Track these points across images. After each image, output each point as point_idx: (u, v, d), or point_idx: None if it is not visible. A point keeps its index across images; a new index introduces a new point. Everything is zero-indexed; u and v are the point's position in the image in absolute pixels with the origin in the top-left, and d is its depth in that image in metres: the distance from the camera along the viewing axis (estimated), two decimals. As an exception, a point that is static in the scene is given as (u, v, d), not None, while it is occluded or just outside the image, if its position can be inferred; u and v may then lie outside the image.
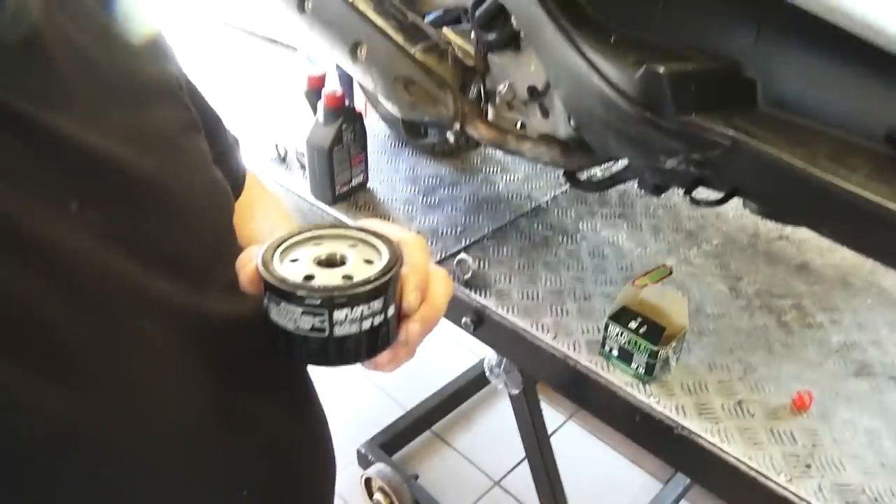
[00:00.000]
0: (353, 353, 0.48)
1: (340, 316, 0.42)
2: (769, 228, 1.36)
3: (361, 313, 0.43)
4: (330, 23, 1.21)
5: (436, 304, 0.51)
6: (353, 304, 0.42)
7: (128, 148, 0.50)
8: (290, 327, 0.43)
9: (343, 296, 0.42)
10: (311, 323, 0.42)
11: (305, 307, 0.42)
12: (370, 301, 0.43)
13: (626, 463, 2.05)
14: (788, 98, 0.81)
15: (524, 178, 1.52)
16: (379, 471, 1.80)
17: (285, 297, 0.42)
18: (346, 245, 0.48)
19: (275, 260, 0.45)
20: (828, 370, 1.02)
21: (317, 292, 0.42)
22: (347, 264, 0.46)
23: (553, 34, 0.91)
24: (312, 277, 0.44)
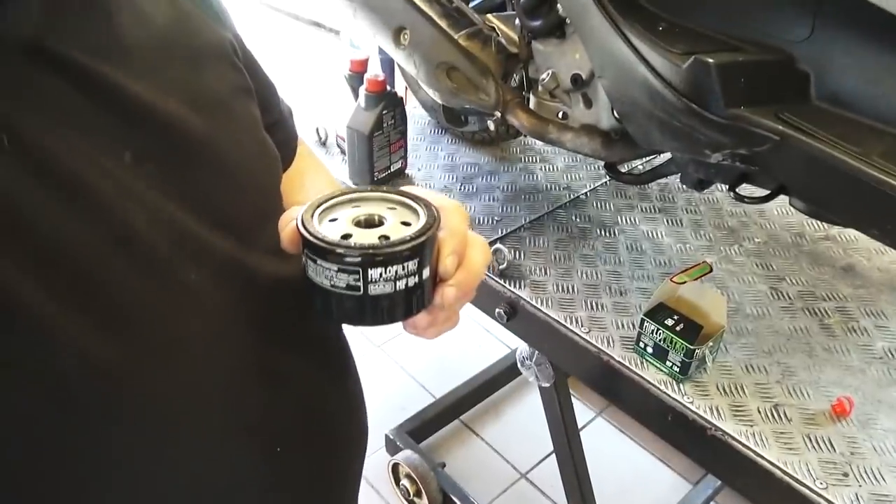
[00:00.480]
0: (387, 314, 0.48)
1: (375, 274, 0.43)
2: (815, 228, 1.32)
3: (396, 273, 0.44)
4: (374, 7, 1.21)
5: (473, 270, 0.51)
6: (387, 264, 0.43)
7: (181, 105, 0.52)
8: (325, 285, 0.44)
9: (378, 254, 0.43)
10: (346, 281, 0.43)
11: (341, 265, 0.43)
12: (405, 261, 0.44)
13: (656, 462, 2.03)
14: (843, 94, 0.79)
15: (563, 169, 1.50)
16: (406, 457, 1.81)
17: (322, 254, 0.43)
18: (385, 207, 0.49)
19: (314, 219, 0.46)
20: (870, 377, 0.99)
21: (352, 250, 0.43)
22: (385, 225, 0.47)
23: (599, 21, 0.90)
24: (350, 236, 0.45)
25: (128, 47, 0.51)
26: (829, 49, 0.78)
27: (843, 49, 0.77)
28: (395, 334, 2.48)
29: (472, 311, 1.84)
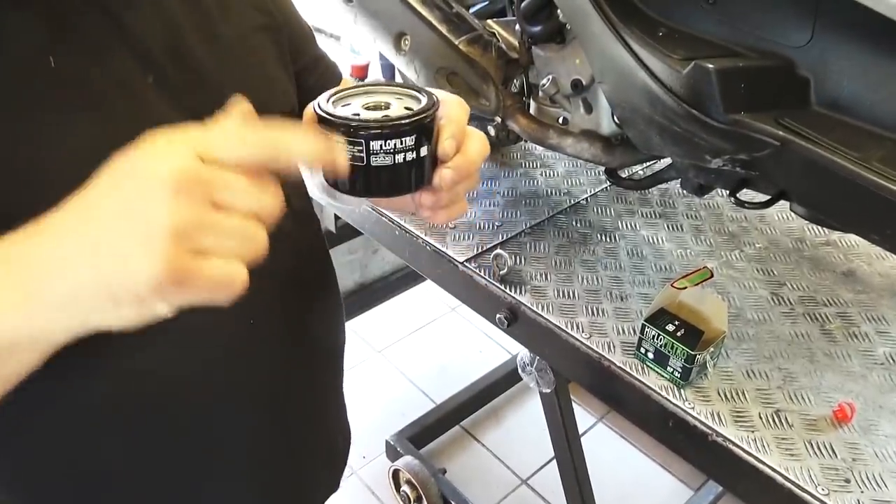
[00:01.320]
0: (388, 185, 0.54)
1: (376, 146, 0.48)
2: (815, 233, 1.32)
3: (395, 146, 0.49)
4: (375, 12, 1.21)
5: (470, 156, 0.56)
6: (387, 137, 0.48)
7: (199, 42, 0.60)
8: None
9: (379, 127, 0.48)
10: (352, 152, 0.48)
11: (348, 136, 0.48)
12: (403, 136, 0.49)
13: (657, 468, 2.02)
14: (843, 99, 0.79)
15: (564, 174, 1.50)
16: (407, 463, 1.81)
17: (332, 127, 0.48)
18: (393, 97, 0.55)
19: (329, 103, 0.51)
20: (872, 382, 0.99)
21: (356, 122, 0.48)
22: (390, 109, 0.53)
23: (600, 27, 0.90)
24: (358, 115, 0.51)
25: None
26: (828, 54, 0.78)
27: (843, 54, 0.77)
28: (395, 340, 2.48)
29: (473, 316, 1.83)
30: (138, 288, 0.38)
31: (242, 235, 0.41)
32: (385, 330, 2.50)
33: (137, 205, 0.38)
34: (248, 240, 0.41)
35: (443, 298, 2.56)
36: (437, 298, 2.58)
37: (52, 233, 0.40)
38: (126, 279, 0.38)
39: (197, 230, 0.39)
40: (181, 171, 0.38)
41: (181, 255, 0.38)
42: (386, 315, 2.44)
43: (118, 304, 0.39)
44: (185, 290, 0.39)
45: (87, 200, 0.40)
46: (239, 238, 0.40)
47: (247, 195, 0.41)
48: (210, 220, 0.39)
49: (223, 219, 0.40)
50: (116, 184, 0.40)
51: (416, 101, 0.55)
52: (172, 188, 0.38)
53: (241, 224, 0.41)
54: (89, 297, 0.39)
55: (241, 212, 0.41)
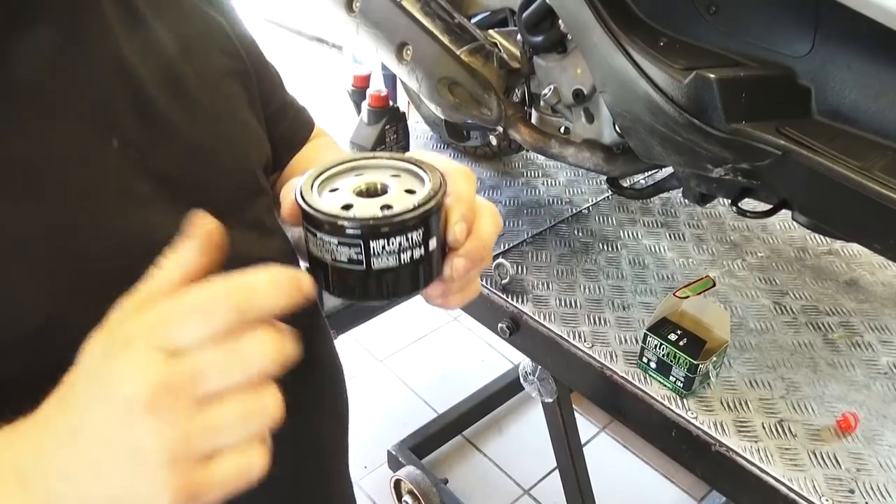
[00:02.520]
0: (393, 288, 0.45)
1: (378, 247, 0.40)
2: (817, 242, 1.32)
3: (400, 245, 0.41)
4: (377, 23, 1.21)
5: (483, 238, 0.49)
6: (391, 235, 0.40)
7: (163, 91, 0.54)
8: (327, 259, 0.41)
9: (380, 225, 0.40)
10: (347, 255, 0.40)
11: (341, 237, 0.40)
12: (410, 232, 0.41)
13: (660, 478, 2.01)
14: (844, 108, 0.79)
15: (566, 184, 1.51)
16: (408, 473, 1.80)
17: (321, 226, 0.40)
18: (388, 175, 0.46)
19: (314, 190, 0.43)
20: (875, 392, 0.99)
21: (352, 221, 0.40)
22: (388, 194, 0.44)
23: (601, 37, 0.90)
24: (351, 207, 0.42)
25: (118, 35, 0.53)
26: (829, 64, 0.78)
27: (844, 64, 0.77)
28: (397, 349, 2.48)
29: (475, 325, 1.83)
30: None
31: (247, 417, 0.35)
32: (387, 339, 2.50)
33: (121, 437, 0.34)
34: (257, 416, 0.36)
35: (445, 308, 2.55)
36: (439, 308, 2.58)
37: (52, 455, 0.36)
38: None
39: (194, 441, 0.34)
40: (150, 385, 0.33)
41: (187, 475, 0.34)
42: (388, 324, 2.44)
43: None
44: (204, 499, 0.35)
45: (71, 422, 0.35)
46: (245, 422, 0.35)
47: (236, 367, 0.35)
48: (204, 423, 0.34)
49: (219, 413, 0.34)
50: (91, 407, 0.35)
51: (415, 177, 0.46)
52: (148, 410, 0.33)
53: (241, 407, 0.35)
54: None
55: (237, 389, 0.35)
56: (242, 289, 0.35)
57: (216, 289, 0.35)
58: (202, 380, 0.34)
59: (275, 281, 0.36)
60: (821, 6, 0.76)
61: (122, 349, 0.34)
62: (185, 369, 0.34)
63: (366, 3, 1.21)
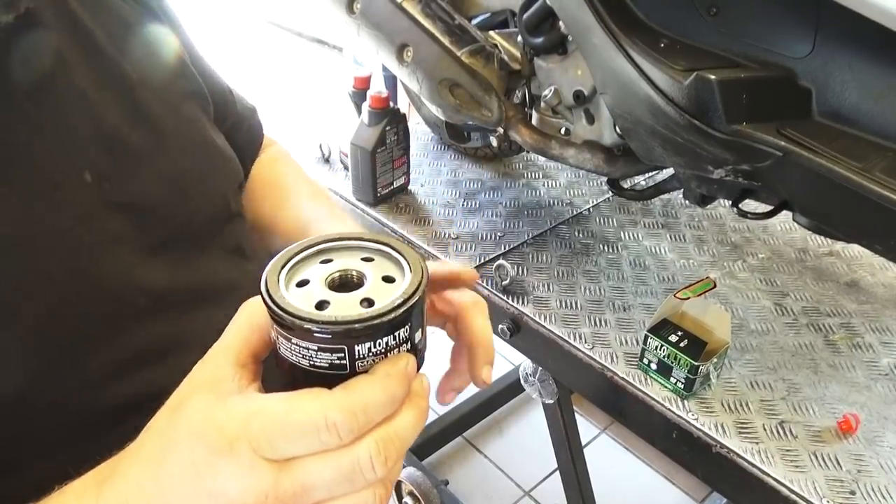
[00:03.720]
0: None
1: (363, 350, 0.36)
2: (818, 244, 1.32)
3: (387, 344, 0.37)
4: (378, 24, 1.21)
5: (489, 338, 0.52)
6: (376, 337, 0.36)
7: (124, 121, 0.53)
8: (304, 365, 0.36)
9: (364, 327, 0.35)
10: (328, 360, 0.36)
11: (321, 344, 0.35)
12: (395, 330, 0.37)
13: (661, 479, 2.01)
14: (845, 109, 0.79)
15: (566, 185, 1.51)
16: (409, 475, 1.80)
17: (296, 332, 0.36)
18: (359, 258, 0.41)
19: (280, 286, 0.38)
20: (876, 393, 0.99)
21: (333, 325, 0.35)
22: (365, 285, 0.39)
23: (601, 38, 0.90)
24: (326, 304, 0.37)
25: (72, 66, 0.51)
26: (830, 65, 0.78)
27: (845, 65, 0.77)
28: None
29: (475, 327, 1.79)
30: None
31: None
32: (387, 341, 2.50)
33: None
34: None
35: (445, 309, 2.55)
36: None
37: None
38: None
39: None
40: (257, 495, 0.33)
41: None
42: (388, 326, 2.44)
43: None
44: None
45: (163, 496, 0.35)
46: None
47: (344, 484, 0.34)
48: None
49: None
50: (196, 500, 0.35)
51: (389, 260, 0.41)
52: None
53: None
54: None
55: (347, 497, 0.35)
56: (360, 410, 0.34)
57: (331, 407, 0.33)
58: (309, 493, 0.34)
59: (392, 397, 0.35)
60: (821, 7, 0.76)
61: (225, 450, 0.33)
62: (291, 483, 0.33)
63: (366, 5, 1.21)
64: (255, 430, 0.33)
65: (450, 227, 1.34)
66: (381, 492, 0.35)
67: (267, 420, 0.33)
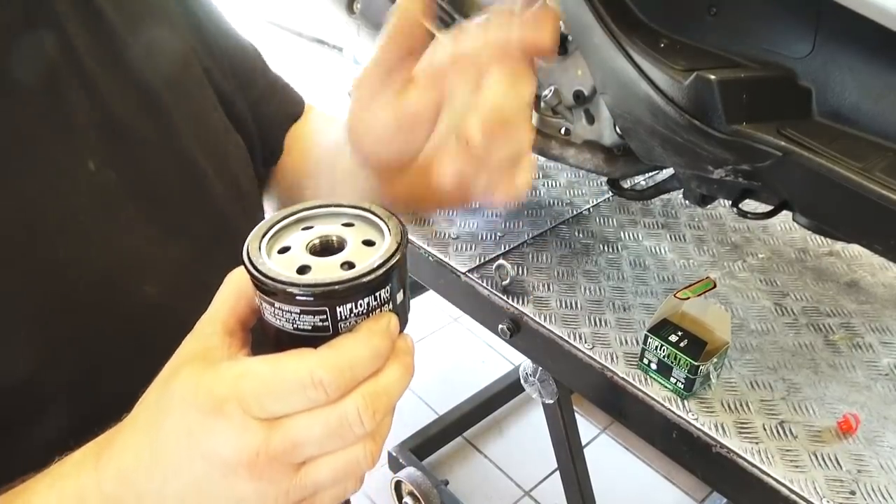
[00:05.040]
0: None
1: (345, 311, 0.36)
2: (818, 244, 1.32)
3: (368, 305, 0.37)
4: (378, 24, 1.21)
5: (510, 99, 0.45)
6: (357, 298, 0.37)
7: (134, 109, 0.53)
8: (288, 328, 0.37)
9: (345, 288, 0.36)
10: (311, 322, 0.36)
11: (304, 306, 0.36)
12: (375, 291, 0.37)
13: (661, 479, 2.01)
14: (845, 109, 0.79)
15: (566, 185, 1.50)
16: (409, 475, 1.80)
17: (278, 296, 0.36)
18: (339, 224, 0.41)
19: (262, 252, 0.38)
20: (876, 393, 0.99)
21: (314, 287, 0.36)
22: (346, 249, 0.40)
23: (601, 38, 0.90)
24: (308, 268, 0.38)
25: (81, 53, 0.50)
26: (830, 65, 0.78)
27: (845, 65, 0.77)
28: (397, 350, 2.48)
29: (475, 326, 1.82)
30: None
31: (342, 475, 0.37)
32: (387, 341, 2.50)
33: (223, 492, 0.35)
34: (352, 472, 0.37)
35: (445, 309, 2.55)
36: (440, 309, 2.58)
37: None
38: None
39: (292, 495, 0.36)
40: (248, 454, 0.34)
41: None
42: (388, 326, 2.44)
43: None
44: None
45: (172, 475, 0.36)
46: (340, 478, 0.37)
47: (333, 439, 0.35)
48: (301, 483, 0.36)
49: (316, 474, 0.36)
50: (190, 463, 0.35)
51: (369, 224, 0.42)
52: (248, 474, 0.34)
53: (336, 467, 0.36)
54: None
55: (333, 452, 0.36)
56: (345, 367, 0.35)
57: (317, 365, 0.34)
58: (300, 449, 0.35)
59: (377, 352, 0.36)
60: (821, 7, 0.76)
61: (216, 410, 0.34)
62: (282, 440, 0.34)
63: (366, 5, 1.21)
64: (245, 390, 0.34)
65: (450, 227, 1.34)
66: (371, 447, 0.36)
67: (255, 380, 0.34)
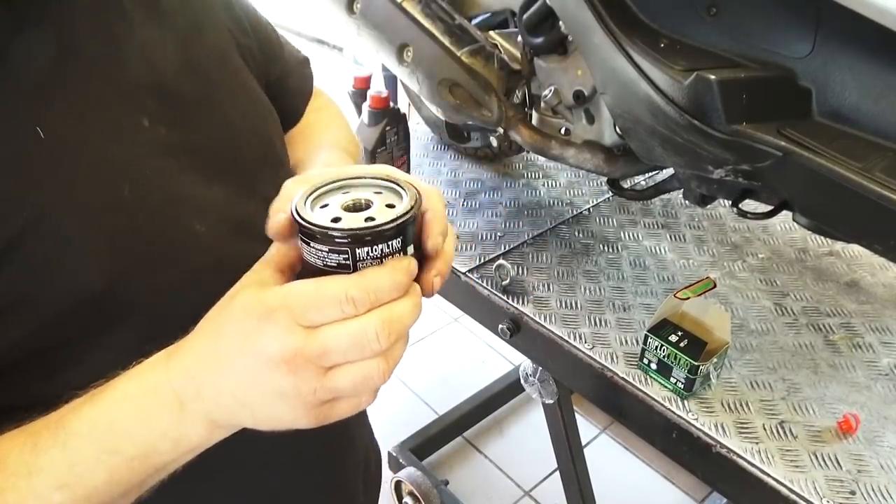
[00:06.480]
0: None
1: (363, 253, 0.46)
2: (818, 244, 1.32)
3: (382, 251, 0.47)
4: (378, 24, 1.21)
5: (449, 257, 0.55)
6: (374, 243, 0.46)
7: (178, 71, 0.60)
8: (319, 265, 0.47)
9: (365, 234, 0.46)
10: (336, 260, 0.46)
11: (332, 245, 0.46)
12: (390, 240, 0.47)
13: (660, 479, 2.01)
14: (845, 109, 0.79)
15: (566, 185, 1.51)
16: (409, 475, 1.80)
17: (314, 237, 0.46)
18: (371, 192, 0.52)
19: (307, 206, 0.49)
20: (876, 393, 0.99)
21: (341, 231, 0.46)
22: (371, 208, 0.50)
23: (601, 38, 0.90)
24: (339, 220, 0.48)
25: (133, 19, 0.58)
26: (830, 65, 0.78)
27: (845, 65, 0.77)
28: (398, 350, 2.48)
29: (475, 326, 1.82)
30: (292, 426, 0.45)
31: (361, 382, 0.44)
32: (387, 341, 2.50)
33: (267, 382, 0.43)
34: (368, 381, 0.44)
35: (445, 309, 2.55)
36: (440, 309, 2.58)
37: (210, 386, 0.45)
38: (281, 425, 0.46)
39: (320, 393, 0.43)
40: (288, 351, 0.42)
41: (317, 408, 0.44)
42: (388, 326, 2.43)
43: None
44: (330, 420, 0.46)
45: (226, 364, 0.44)
46: (359, 385, 0.44)
47: (356, 351, 0.43)
48: (328, 384, 0.43)
49: (340, 378, 0.43)
50: (241, 356, 0.43)
51: (394, 193, 0.52)
52: (286, 368, 0.42)
53: (356, 375, 0.44)
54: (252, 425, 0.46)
55: (355, 361, 0.43)
56: (371, 289, 0.43)
57: (350, 286, 0.43)
58: (328, 355, 0.42)
59: (397, 283, 0.44)
60: (821, 7, 0.76)
61: (267, 316, 0.42)
62: (316, 345, 0.42)
63: (366, 5, 1.21)
64: (292, 301, 0.43)
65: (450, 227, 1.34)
66: (383, 365, 0.44)
67: (301, 294, 0.43)
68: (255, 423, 0.46)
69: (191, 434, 0.46)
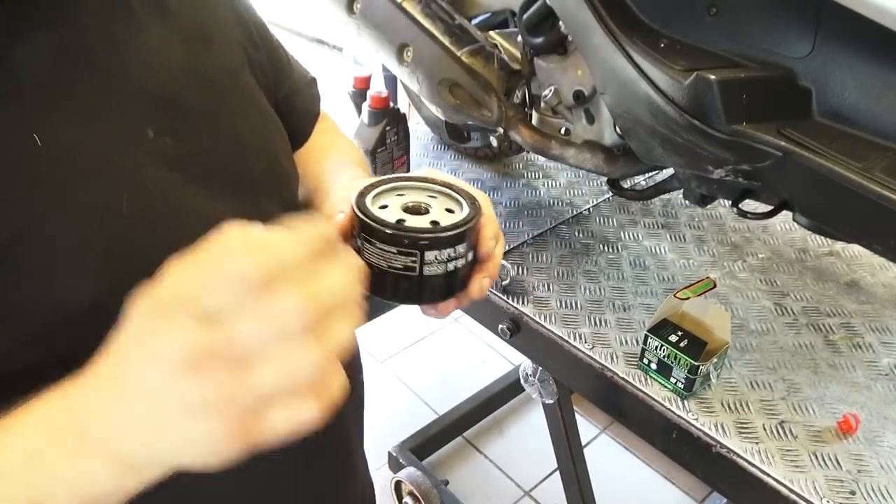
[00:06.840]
0: (432, 294, 0.51)
1: (430, 257, 0.46)
2: (818, 244, 1.32)
3: (448, 256, 0.47)
4: (378, 24, 1.21)
5: (498, 261, 0.54)
6: (442, 247, 0.46)
7: (186, 85, 0.58)
8: (382, 266, 0.46)
9: (436, 238, 0.46)
10: (403, 262, 0.46)
11: (401, 247, 0.45)
12: (456, 245, 0.47)
13: (660, 479, 2.01)
14: (845, 109, 0.79)
15: (566, 185, 1.51)
16: (409, 475, 1.80)
17: (381, 237, 0.45)
18: (426, 195, 0.52)
19: (370, 205, 0.48)
20: (876, 393, 0.99)
21: (412, 233, 0.45)
22: (431, 212, 0.50)
23: (601, 38, 0.90)
24: (403, 222, 0.48)
25: (144, 26, 0.57)
26: (830, 65, 0.78)
27: (845, 65, 0.77)
28: (397, 351, 2.48)
29: (475, 327, 1.82)
30: (217, 454, 0.37)
31: (287, 374, 0.35)
32: (388, 341, 2.50)
33: (171, 394, 0.35)
34: (297, 372, 0.35)
35: (445, 309, 2.55)
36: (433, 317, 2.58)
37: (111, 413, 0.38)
38: (204, 454, 0.37)
39: (239, 397, 0.35)
40: (187, 351, 0.34)
41: (241, 425, 0.35)
42: (388, 326, 2.44)
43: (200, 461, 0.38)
44: (261, 445, 0.37)
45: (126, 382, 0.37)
46: (286, 378, 0.35)
47: (267, 331, 0.35)
48: (246, 382, 0.35)
49: (259, 372, 0.35)
50: (141, 368, 0.36)
51: (450, 198, 0.52)
52: (190, 372, 0.34)
53: (279, 366, 0.35)
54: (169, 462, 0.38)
55: (274, 348, 0.35)
56: (274, 260, 0.35)
57: (247, 259, 0.35)
58: (237, 344, 0.34)
59: (305, 245, 0.37)
60: (821, 7, 0.76)
61: (160, 313, 0.36)
62: (219, 336, 0.34)
63: (366, 5, 1.21)
64: (182, 288, 0.36)
65: (450, 227, 1.34)
66: (315, 354, 0.35)
67: (190, 278, 0.36)
68: (175, 455, 0.37)
69: (92, 476, 0.38)
